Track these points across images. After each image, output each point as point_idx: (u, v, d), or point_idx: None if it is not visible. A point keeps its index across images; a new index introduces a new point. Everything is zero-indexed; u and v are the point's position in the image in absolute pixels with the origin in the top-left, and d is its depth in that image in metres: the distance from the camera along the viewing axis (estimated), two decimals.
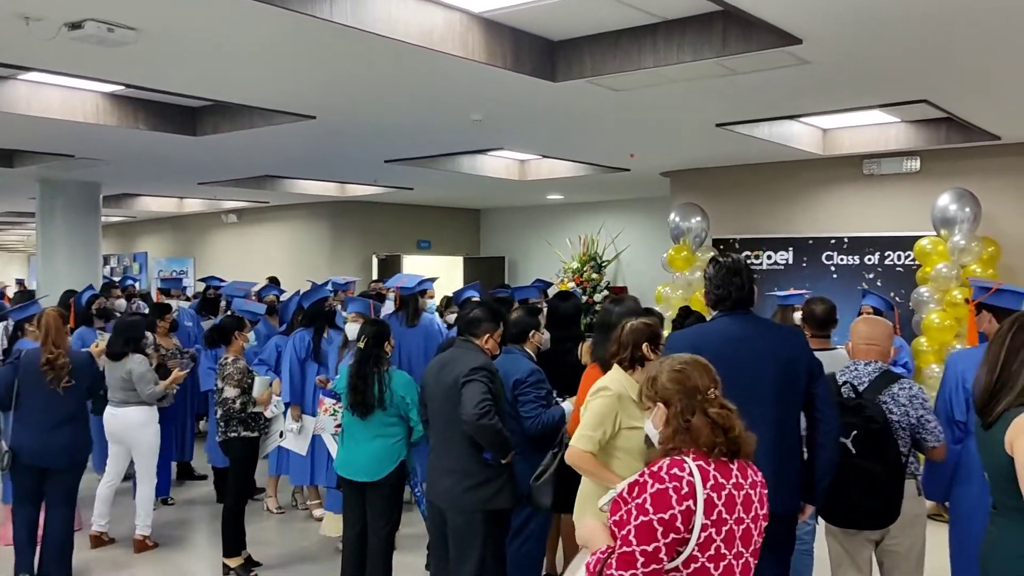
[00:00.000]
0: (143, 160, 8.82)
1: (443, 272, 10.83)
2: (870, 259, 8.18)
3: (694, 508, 2.00)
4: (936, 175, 7.73)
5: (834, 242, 8.40)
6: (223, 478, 6.21)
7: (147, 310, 7.92)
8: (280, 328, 6.62)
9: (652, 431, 2.24)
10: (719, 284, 3.10)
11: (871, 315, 4.84)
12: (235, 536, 5.05)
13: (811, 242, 8.54)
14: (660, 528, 1.98)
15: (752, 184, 9.11)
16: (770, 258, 8.83)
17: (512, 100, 5.92)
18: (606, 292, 11.99)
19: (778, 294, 6.66)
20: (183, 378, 5.69)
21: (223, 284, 8.75)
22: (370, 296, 6.84)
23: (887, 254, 8.08)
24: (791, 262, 8.69)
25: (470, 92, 5.72)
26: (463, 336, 3.88)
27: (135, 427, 5.33)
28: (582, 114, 6.43)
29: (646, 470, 2.10)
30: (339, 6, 3.92)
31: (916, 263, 7.53)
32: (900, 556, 3.38)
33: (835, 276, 8.33)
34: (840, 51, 4.72)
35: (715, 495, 2.04)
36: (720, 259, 3.17)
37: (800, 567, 4.20)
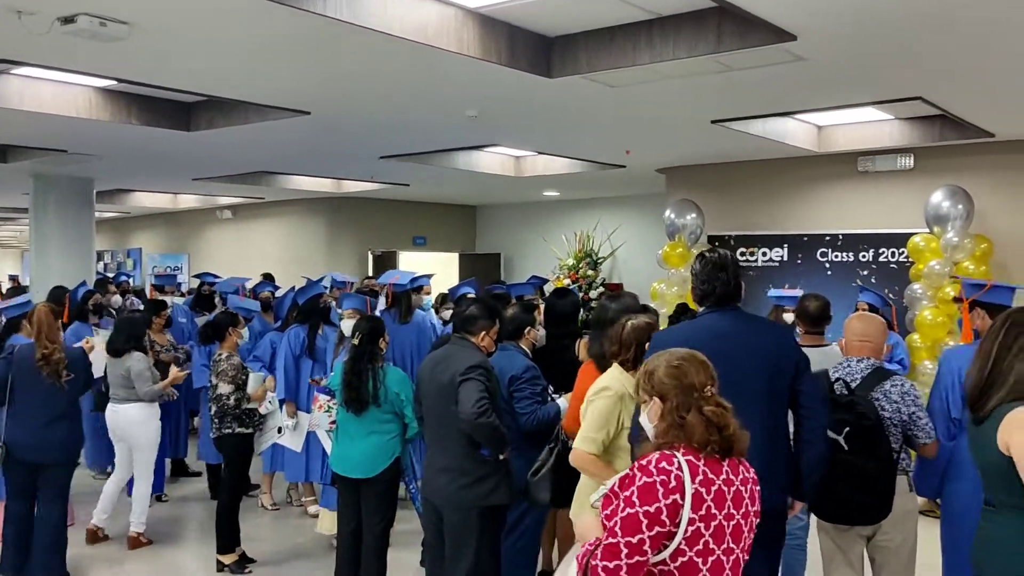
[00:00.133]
0: (137, 155, 8.79)
1: (439, 269, 10.82)
2: (864, 256, 8.19)
3: (681, 503, 2.01)
4: (930, 172, 7.74)
5: (829, 239, 8.41)
6: (217, 475, 6.21)
7: (141, 306, 7.91)
8: (275, 324, 6.62)
9: (647, 425, 2.24)
10: (704, 279, 3.09)
11: (865, 312, 4.86)
12: (229, 532, 5.05)
13: (806, 239, 8.55)
14: (645, 521, 1.99)
15: (747, 181, 9.12)
16: (765, 255, 8.84)
17: (507, 96, 5.91)
18: (602, 289, 12.00)
19: (773, 293, 6.67)
20: (182, 379, 5.68)
21: (218, 280, 8.73)
22: (363, 293, 6.84)
23: (881, 251, 8.09)
24: (786, 259, 8.70)
25: (465, 88, 5.71)
26: (459, 333, 3.88)
27: (135, 424, 5.36)
28: (578, 110, 6.42)
29: (635, 464, 2.11)
30: (333, 1, 3.91)
31: (910, 260, 7.55)
32: (891, 552, 3.40)
33: (829, 273, 8.35)
34: (835, 48, 4.72)
35: (704, 490, 2.05)
36: (706, 254, 3.16)
37: (793, 563, 4.23)
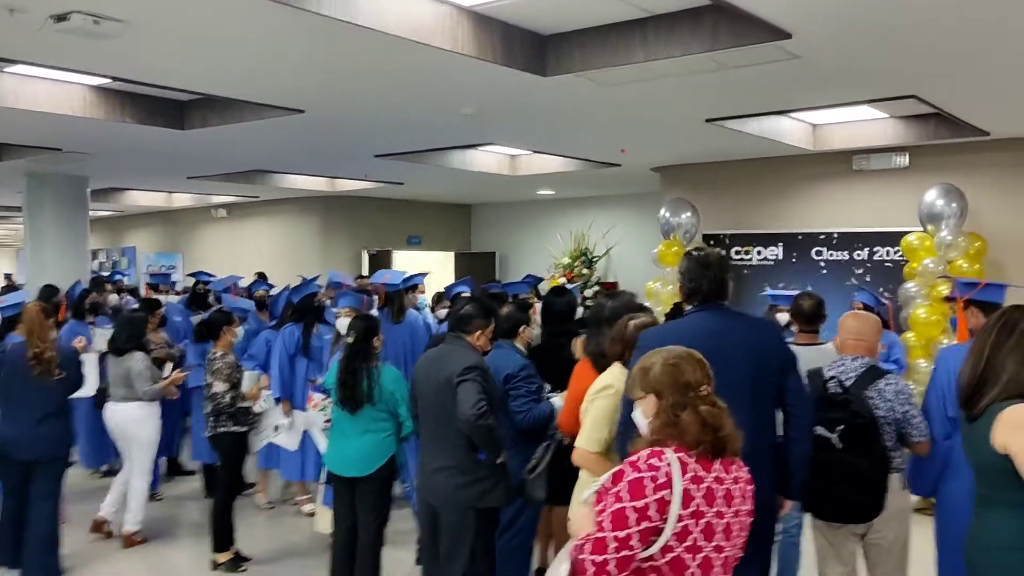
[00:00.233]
0: (131, 154, 8.77)
1: (434, 267, 10.81)
2: (859, 254, 8.20)
3: (669, 499, 2.02)
4: (925, 170, 7.76)
5: (823, 238, 8.42)
6: (212, 473, 6.19)
7: (135, 305, 7.89)
8: (270, 323, 6.61)
9: (641, 421, 2.24)
10: (691, 277, 3.11)
11: (860, 310, 4.86)
12: (224, 531, 5.04)
13: (800, 238, 8.56)
14: (633, 515, 2.00)
15: (742, 179, 9.13)
16: (760, 253, 8.85)
17: (502, 94, 5.91)
18: (597, 287, 12.01)
19: (769, 293, 6.68)
20: (182, 379, 5.67)
21: (212, 279, 8.72)
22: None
23: (876, 249, 8.10)
24: (781, 257, 8.71)
25: (460, 86, 5.70)
26: (454, 332, 3.87)
27: (135, 423, 5.38)
28: (573, 109, 6.42)
29: (627, 459, 2.11)
30: None
31: (904, 258, 7.56)
32: (884, 549, 3.40)
33: (824, 271, 8.36)
34: (829, 46, 4.73)
35: (693, 487, 2.05)
36: (693, 253, 3.18)
37: (789, 560, 4.24)
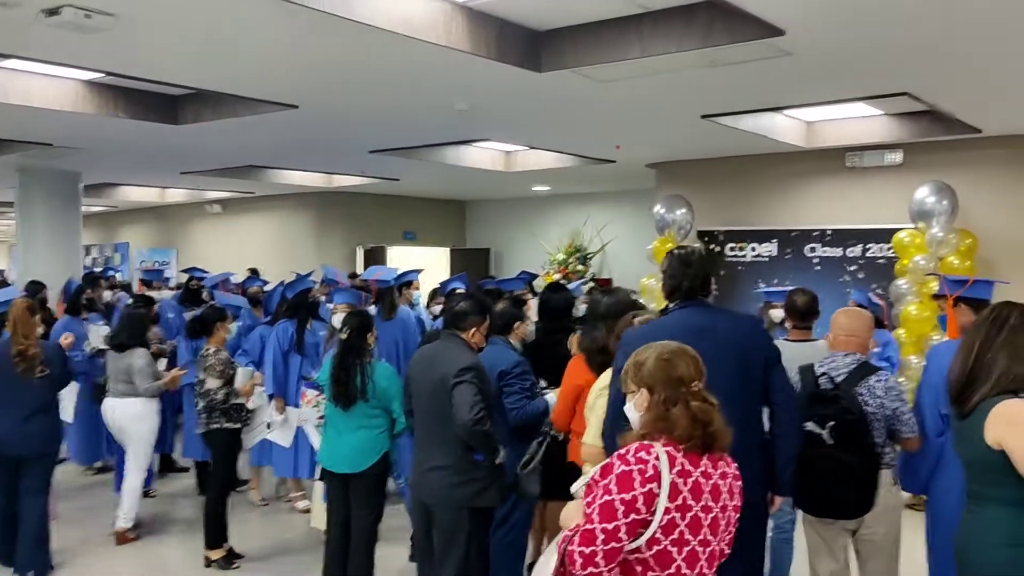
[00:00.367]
0: (124, 149, 8.72)
1: (429, 264, 10.80)
2: (852, 251, 8.22)
3: (657, 491, 2.04)
4: (918, 168, 7.77)
5: (817, 234, 8.43)
6: (205, 470, 6.18)
7: (129, 301, 7.86)
8: (264, 319, 6.59)
9: (633, 414, 2.25)
10: (672, 275, 3.14)
11: (852, 307, 4.86)
12: (217, 528, 5.03)
13: (794, 234, 8.58)
14: (621, 508, 2.02)
15: (737, 176, 9.13)
16: (754, 250, 8.86)
17: (497, 90, 5.89)
18: (591, 284, 12.02)
19: (763, 289, 6.68)
20: (181, 376, 5.66)
21: (206, 275, 8.69)
22: None
23: (869, 246, 8.12)
24: (775, 254, 8.72)
25: (454, 82, 5.69)
26: (449, 329, 3.85)
27: (134, 419, 5.40)
28: (567, 105, 6.41)
29: (616, 453, 2.13)
30: None
31: (897, 255, 7.58)
32: (876, 545, 3.41)
33: (818, 268, 8.37)
34: (823, 43, 4.73)
35: (681, 481, 2.08)
36: (675, 251, 3.22)
37: (781, 556, 4.25)
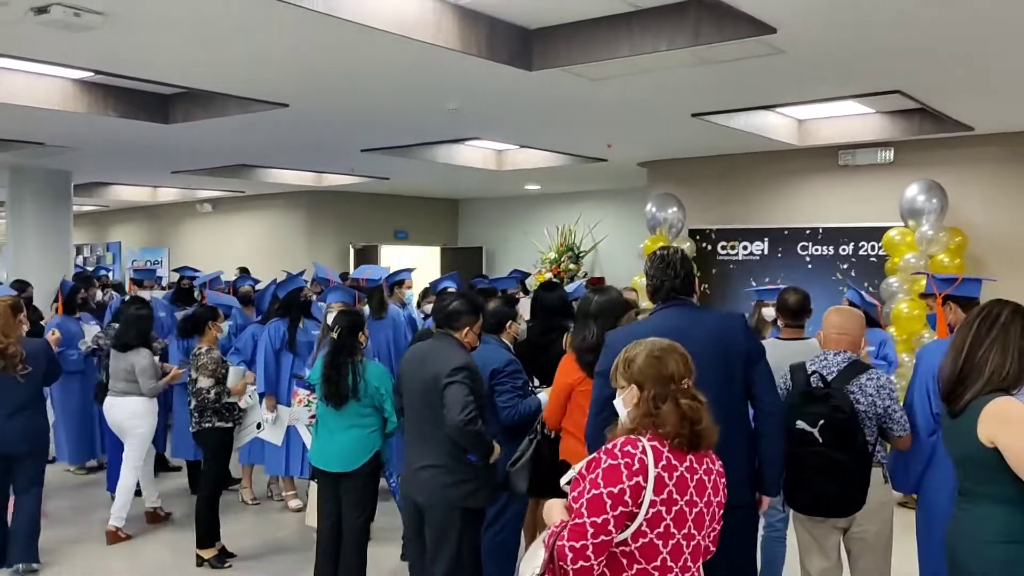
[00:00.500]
0: (114, 148, 8.69)
1: (420, 262, 10.79)
2: (844, 250, 8.24)
3: (644, 485, 2.06)
4: (910, 166, 7.80)
5: (809, 232, 8.45)
6: (196, 469, 6.17)
7: (121, 301, 7.82)
8: (256, 318, 6.57)
9: (621, 409, 2.27)
10: (653, 275, 3.17)
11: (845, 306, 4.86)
12: (209, 527, 5.02)
13: (786, 232, 8.60)
14: (609, 501, 2.04)
15: (728, 174, 9.15)
16: (746, 248, 8.88)
17: (488, 89, 5.89)
18: (583, 282, 12.03)
19: (755, 288, 6.68)
20: (180, 375, 5.64)
21: (198, 275, 8.66)
22: None
23: (861, 244, 8.14)
24: (766, 252, 8.74)
25: (445, 80, 5.68)
26: (442, 328, 3.82)
27: (134, 417, 5.42)
28: (558, 104, 6.41)
29: (603, 447, 2.14)
30: None
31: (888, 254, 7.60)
32: (867, 543, 3.42)
33: (810, 266, 8.40)
34: (815, 41, 4.74)
35: (666, 475, 2.10)
36: (657, 251, 3.25)
37: (773, 554, 4.26)
